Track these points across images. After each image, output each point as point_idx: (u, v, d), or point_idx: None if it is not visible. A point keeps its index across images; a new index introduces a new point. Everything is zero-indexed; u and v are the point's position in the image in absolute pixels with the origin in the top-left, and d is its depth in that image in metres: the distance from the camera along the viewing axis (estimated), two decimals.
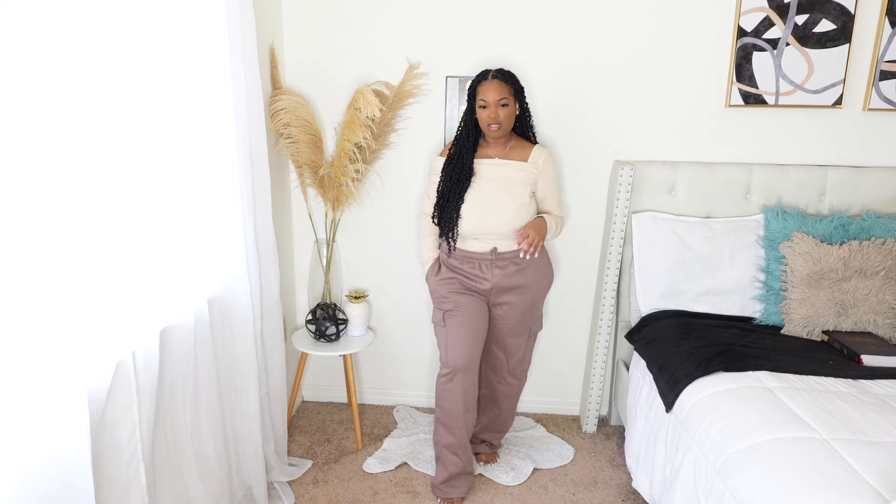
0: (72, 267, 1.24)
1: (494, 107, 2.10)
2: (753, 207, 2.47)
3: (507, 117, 2.12)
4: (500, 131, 2.12)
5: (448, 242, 2.21)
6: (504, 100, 2.10)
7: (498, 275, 2.18)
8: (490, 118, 2.11)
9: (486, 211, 2.14)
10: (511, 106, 2.13)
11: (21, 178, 1.11)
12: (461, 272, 2.22)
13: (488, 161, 2.19)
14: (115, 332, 1.42)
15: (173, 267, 1.65)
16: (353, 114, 2.38)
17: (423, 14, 2.48)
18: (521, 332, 2.28)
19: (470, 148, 2.18)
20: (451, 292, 2.20)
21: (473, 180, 2.17)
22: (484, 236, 2.17)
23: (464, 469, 2.21)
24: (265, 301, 2.13)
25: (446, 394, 2.14)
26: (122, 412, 1.43)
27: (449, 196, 2.18)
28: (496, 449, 2.50)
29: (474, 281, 2.20)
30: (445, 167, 2.21)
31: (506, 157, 2.20)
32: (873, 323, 2.21)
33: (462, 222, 2.16)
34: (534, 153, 2.20)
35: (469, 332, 2.13)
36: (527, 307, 2.24)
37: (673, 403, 1.96)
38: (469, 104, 2.19)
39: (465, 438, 2.19)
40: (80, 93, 1.27)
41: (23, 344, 1.12)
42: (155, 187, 1.56)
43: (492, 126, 2.11)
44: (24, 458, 1.13)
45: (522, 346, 2.31)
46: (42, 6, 1.14)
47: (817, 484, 1.41)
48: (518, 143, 2.23)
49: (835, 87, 2.40)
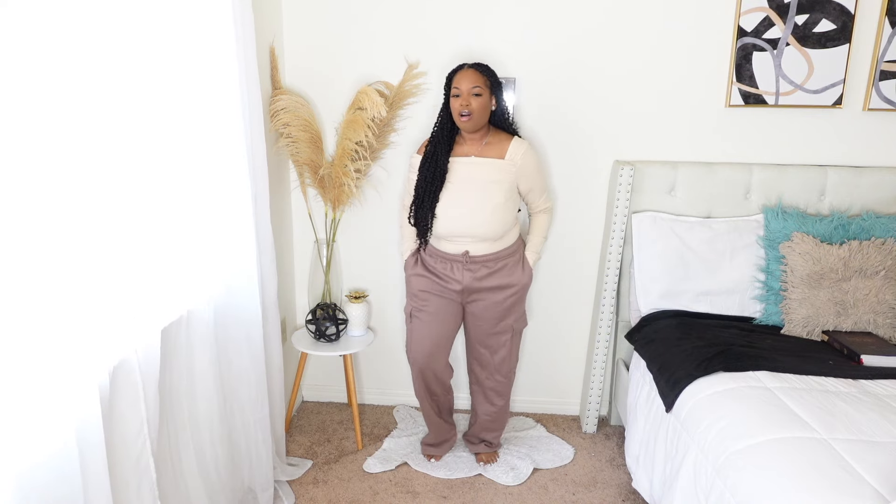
0: (74, 266, 1.24)
1: (467, 95, 2.06)
2: (753, 207, 2.47)
3: (480, 108, 2.07)
4: (471, 121, 2.07)
5: (421, 243, 2.24)
6: (478, 89, 2.06)
7: (469, 277, 2.19)
8: (462, 106, 2.06)
9: (459, 213, 2.12)
10: (485, 97, 2.08)
11: (27, 178, 1.11)
12: (435, 271, 2.24)
13: (465, 160, 2.15)
14: (118, 329, 1.42)
15: (173, 267, 1.65)
16: (356, 113, 2.38)
17: (424, 14, 2.48)
18: (501, 329, 2.28)
19: (445, 145, 2.15)
20: (422, 290, 2.26)
21: (448, 179, 2.14)
22: (458, 238, 2.16)
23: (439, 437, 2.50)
24: (264, 301, 2.12)
25: (414, 381, 2.38)
26: (129, 408, 1.43)
27: (424, 197, 2.15)
28: (495, 448, 2.50)
29: (445, 281, 2.22)
30: (421, 166, 2.18)
31: (482, 153, 2.16)
32: (873, 323, 2.21)
33: (436, 223, 2.16)
34: (511, 149, 2.15)
35: (429, 333, 2.26)
36: (504, 306, 2.24)
37: (673, 403, 1.96)
38: (445, 98, 2.16)
39: (433, 416, 2.44)
40: (80, 92, 1.27)
41: (31, 339, 1.14)
42: (156, 188, 1.56)
43: (462, 115, 2.06)
44: (34, 453, 1.15)
45: (506, 344, 2.31)
46: (49, 8, 1.15)
47: (817, 484, 1.41)
48: (496, 139, 2.18)
49: (835, 87, 2.40)
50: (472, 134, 2.15)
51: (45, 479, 1.16)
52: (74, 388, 1.21)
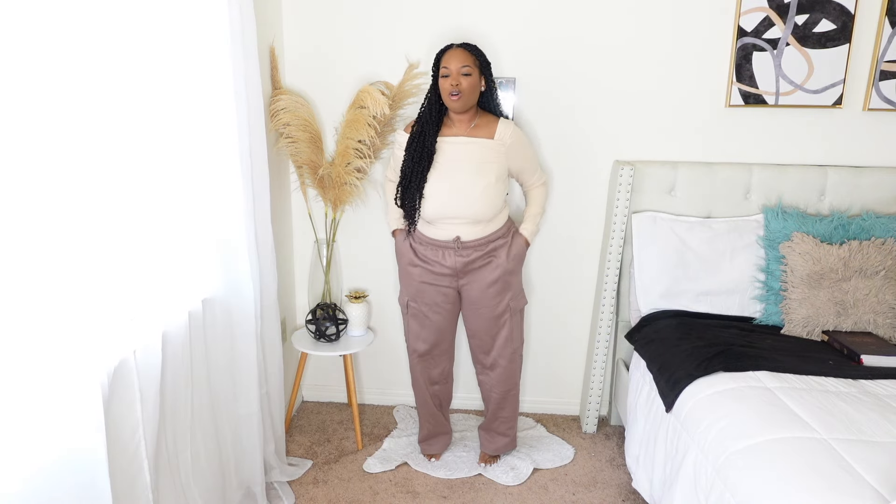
0: (73, 267, 1.24)
1: (456, 74, 2.03)
2: (753, 207, 2.48)
3: (470, 87, 2.05)
4: (461, 101, 2.05)
5: (409, 226, 2.21)
6: (467, 68, 2.03)
7: (460, 262, 2.18)
8: (452, 85, 2.03)
9: (449, 193, 2.09)
10: (475, 77, 2.06)
11: (25, 181, 1.11)
12: (426, 259, 2.22)
13: (453, 139, 2.13)
14: (117, 331, 1.42)
15: (172, 267, 1.65)
16: (357, 112, 2.38)
17: (424, 14, 2.48)
18: (500, 309, 2.25)
19: (433, 125, 2.12)
20: (419, 282, 2.25)
21: (436, 160, 2.11)
22: (447, 220, 2.13)
23: (432, 431, 2.50)
24: (264, 301, 2.12)
25: (412, 370, 2.43)
26: (125, 410, 1.43)
27: (411, 177, 2.12)
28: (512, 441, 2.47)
29: (437, 268, 2.20)
30: (408, 147, 2.15)
31: (471, 134, 2.13)
32: (873, 323, 2.21)
33: (425, 203, 2.12)
34: (500, 129, 2.12)
35: (423, 326, 2.32)
36: (498, 283, 2.21)
37: (673, 403, 1.96)
38: (433, 78, 2.13)
39: (431, 408, 2.46)
40: (81, 92, 1.27)
41: (33, 342, 1.14)
42: (154, 188, 1.56)
43: (452, 94, 2.04)
44: (39, 454, 1.15)
45: (506, 325, 2.28)
46: (43, 6, 1.14)
47: (817, 484, 1.41)
48: (484, 120, 2.15)
49: (835, 87, 2.40)
50: (461, 115, 2.13)
51: (50, 480, 1.16)
52: (76, 389, 1.21)
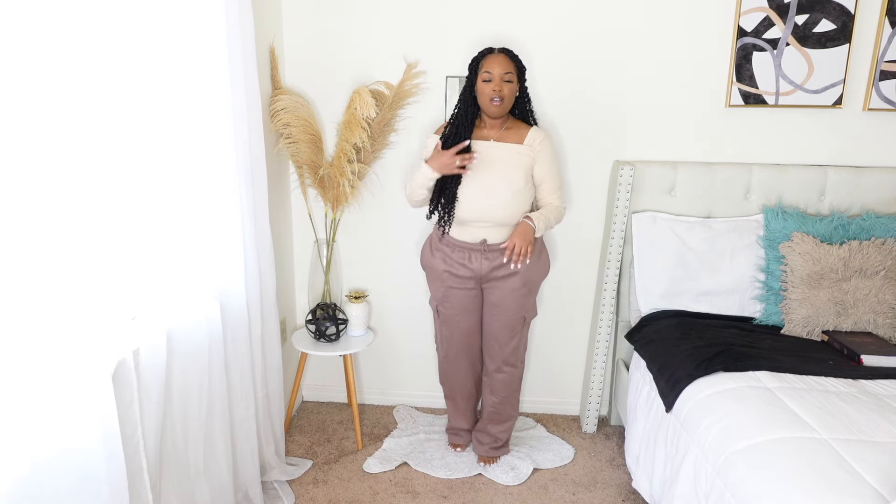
0: (73, 268, 1.24)
1: (499, 80, 2.07)
2: (753, 207, 2.47)
3: (510, 94, 2.10)
4: (501, 107, 2.09)
5: (442, 227, 2.21)
6: (509, 75, 2.08)
7: (486, 266, 2.19)
8: (494, 91, 2.07)
9: (479, 196, 2.12)
10: (514, 84, 2.11)
11: (25, 181, 1.11)
12: (450, 259, 2.23)
13: (484, 143, 2.16)
14: (117, 330, 1.42)
15: (172, 267, 1.65)
16: (352, 114, 2.38)
17: (424, 14, 2.48)
18: (515, 319, 2.27)
19: (468, 127, 2.14)
20: (442, 284, 2.28)
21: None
22: (476, 223, 2.15)
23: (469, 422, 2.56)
24: (263, 302, 2.12)
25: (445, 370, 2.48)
26: (123, 410, 1.43)
27: (446, 179, 2.14)
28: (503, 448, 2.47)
29: (462, 270, 2.22)
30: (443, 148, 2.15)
31: (502, 138, 2.17)
32: (873, 323, 2.21)
33: (458, 206, 2.15)
34: (531, 134, 2.17)
35: (454, 329, 2.35)
36: (520, 293, 2.23)
37: (673, 403, 1.96)
38: (469, 80, 2.15)
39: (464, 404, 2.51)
40: (81, 92, 1.27)
41: (33, 342, 1.14)
42: (152, 188, 1.56)
43: (494, 100, 2.07)
44: (40, 450, 1.16)
45: (518, 334, 2.31)
46: (39, 5, 1.14)
47: (817, 484, 1.40)
48: (515, 125, 2.20)
49: (835, 87, 2.40)
50: (494, 119, 2.17)
51: (58, 471, 1.17)
52: (76, 389, 1.22)
